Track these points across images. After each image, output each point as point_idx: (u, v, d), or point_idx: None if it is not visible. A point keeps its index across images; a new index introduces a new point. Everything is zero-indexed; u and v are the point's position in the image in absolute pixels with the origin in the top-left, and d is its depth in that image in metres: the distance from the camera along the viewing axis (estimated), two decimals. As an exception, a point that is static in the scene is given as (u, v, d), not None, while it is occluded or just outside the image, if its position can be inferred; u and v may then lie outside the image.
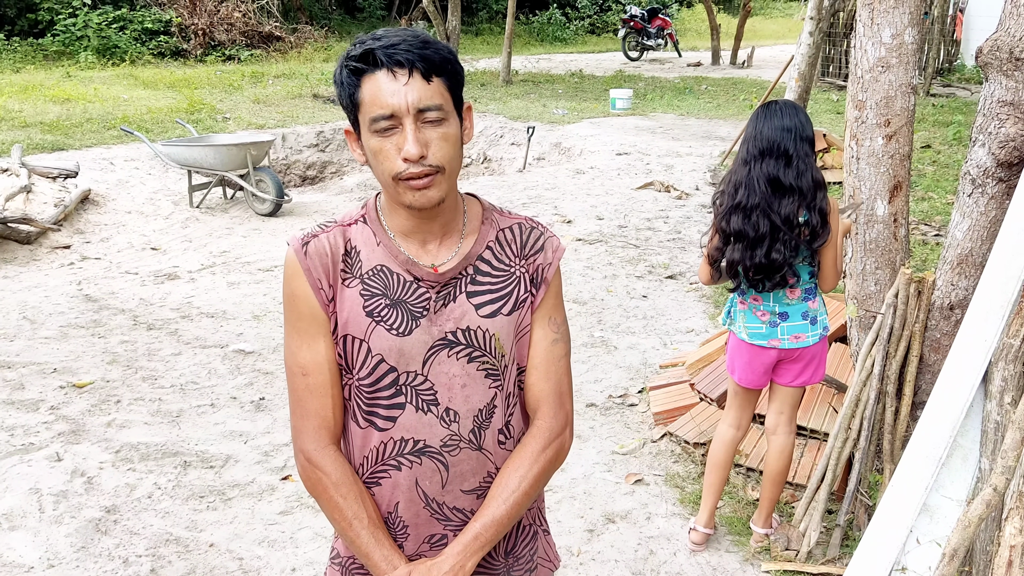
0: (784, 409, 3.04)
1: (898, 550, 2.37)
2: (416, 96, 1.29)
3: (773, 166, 2.71)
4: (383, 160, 1.32)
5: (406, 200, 1.34)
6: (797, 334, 2.88)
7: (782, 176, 2.71)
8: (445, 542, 1.48)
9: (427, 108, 1.30)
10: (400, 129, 1.30)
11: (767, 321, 2.90)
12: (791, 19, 30.00)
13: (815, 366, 2.95)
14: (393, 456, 1.44)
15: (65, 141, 9.14)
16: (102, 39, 15.69)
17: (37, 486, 3.51)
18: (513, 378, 1.48)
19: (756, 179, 2.73)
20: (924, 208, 7.25)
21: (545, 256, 1.49)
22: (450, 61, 1.33)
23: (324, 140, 10.36)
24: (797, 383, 2.97)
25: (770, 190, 2.71)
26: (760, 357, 2.94)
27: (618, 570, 3.09)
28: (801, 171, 2.71)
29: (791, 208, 2.71)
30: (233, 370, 4.68)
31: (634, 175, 8.99)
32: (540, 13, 24.82)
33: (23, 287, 5.97)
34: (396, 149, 1.30)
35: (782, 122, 2.72)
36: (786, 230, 2.71)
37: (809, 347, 2.90)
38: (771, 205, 2.71)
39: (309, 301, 1.40)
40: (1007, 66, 2.59)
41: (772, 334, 2.89)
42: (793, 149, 2.70)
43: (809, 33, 8.73)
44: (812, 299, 2.89)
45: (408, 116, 1.29)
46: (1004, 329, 2.38)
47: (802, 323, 2.88)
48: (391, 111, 1.29)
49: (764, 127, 2.74)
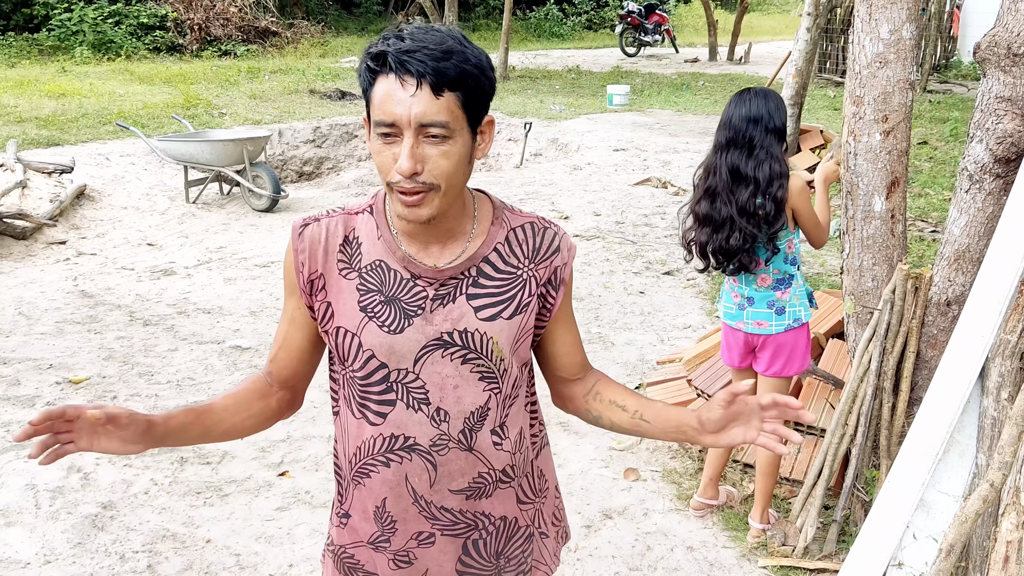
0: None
1: (895, 545, 2.38)
2: (420, 110, 1.24)
3: (736, 155, 2.84)
4: (381, 164, 1.31)
5: (396, 210, 1.33)
6: (760, 321, 2.98)
7: (742, 166, 2.83)
8: (432, 541, 1.47)
9: (430, 124, 1.25)
10: (400, 139, 1.27)
11: (737, 303, 3.03)
12: (788, 15, 30.00)
13: (786, 357, 3.01)
14: (383, 451, 1.43)
15: (61, 136, 9.11)
16: (97, 34, 15.65)
17: (33, 482, 3.50)
18: (512, 380, 1.46)
19: (720, 167, 2.87)
20: (921, 204, 7.26)
21: (561, 256, 1.47)
22: (471, 75, 1.26)
23: (321, 136, 10.33)
24: (770, 372, 3.04)
25: (730, 178, 2.85)
26: (733, 337, 3.08)
27: (615, 566, 3.09)
28: (761, 161, 2.81)
29: (747, 196, 2.82)
30: (230, 366, 4.67)
31: (631, 171, 8.98)
32: (537, 9, 24.79)
33: (18, 283, 5.95)
34: (393, 158, 1.28)
35: (750, 111, 2.82)
36: (740, 218, 2.83)
37: (772, 335, 2.97)
38: (732, 192, 2.84)
39: (290, 276, 1.46)
40: (1005, 62, 2.58)
41: (739, 316, 3.02)
42: (757, 139, 2.81)
43: (806, 29, 8.74)
44: (782, 290, 2.96)
45: (409, 129, 1.25)
46: (1001, 325, 2.39)
47: (766, 311, 2.97)
48: (392, 120, 1.25)
49: (733, 115, 2.85)
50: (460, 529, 1.48)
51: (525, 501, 1.56)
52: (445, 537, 1.48)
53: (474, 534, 1.50)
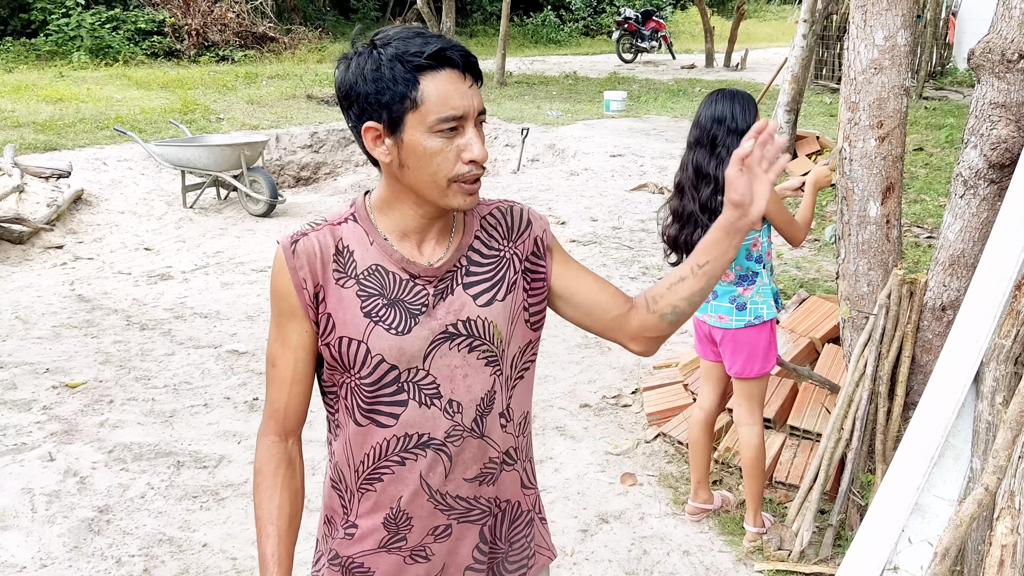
0: (740, 401, 3.14)
1: (890, 549, 2.38)
2: (479, 99, 1.35)
3: (701, 154, 2.91)
4: (442, 162, 1.33)
5: (454, 203, 1.37)
6: (721, 315, 3.02)
7: (704, 164, 2.90)
8: (449, 532, 1.49)
9: (481, 112, 1.36)
10: (462, 132, 1.34)
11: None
12: (785, 22, 30.08)
13: (746, 355, 3.02)
14: (396, 452, 1.44)
15: (58, 141, 9.11)
16: (95, 39, 15.64)
17: (30, 486, 3.50)
18: (511, 361, 1.49)
19: (687, 164, 2.96)
20: (917, 210, 7.28)
21: (534, 228, 1.52)
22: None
23: (318, 141, 10.34)
24: (733, 372, 3.07)
25: (695, 176, 2.92)
26: (700, 329, 3.16)
27: (612, 570, 3.09)
28: (722, 159, 2.86)
29: (708, 194, 2.89)
30: (227, 370, 4.67)
31: (628, 177, 9.00)
32: (534, 15, 24.84)
33: (15, 287, 5.95)
34: (456, 152, 1.33)
35: (714, 111, 2.89)
36: (703, 215, 2.90)
37: (731, 330, 3.00)
38: (696, 189, 2.92)
39: (290, 299, 1.41)
40: (999, 68, 2.60)
41: (705, 309, 3.08)
42: (720, 139, 2.87)
43: (803, 36, 8.77)
44: (745, 286, 2.99)
45: (470, 120, 1.34)
46: (995, 330, 2.40)
47: (727, 306, 3.00)
48: (462, 113, 1.32)
49: (701, 115, 2.92)
50: (475, 516, 1.50)
51: (528, 486, 1.59)
52: (461, 525, 1.50)
53: (488, 520, 1.52)
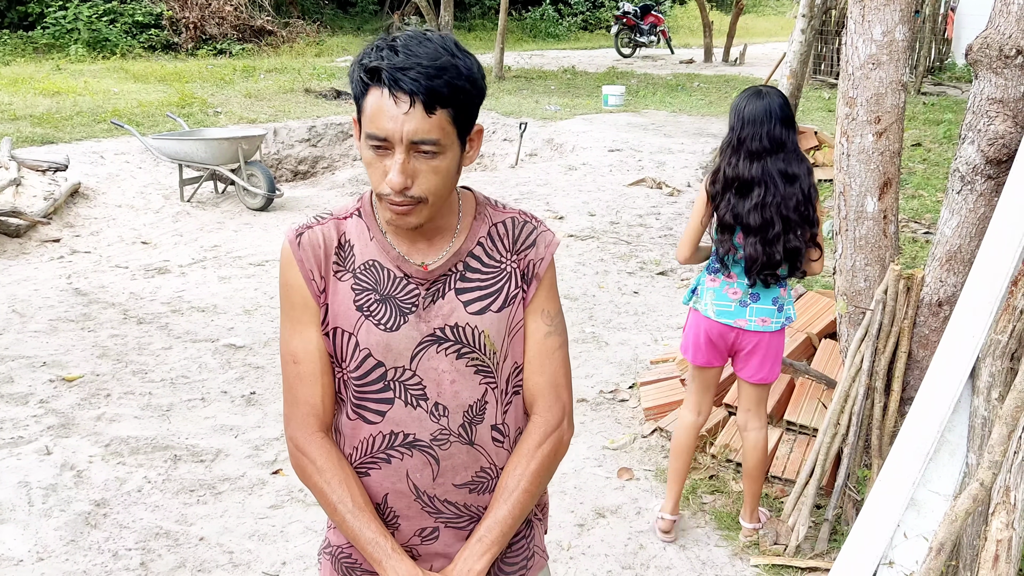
0: (751, 406, 3.09)
1: (886, 544, 2.39)
2: (413, 128, 1.25)
3: (781, 160, 2.80)
4: (371, 173, 1.32)
5: (385, 217, 1.35)
6: (764, 317, 2.93)
7: (787, 167, 2.80)
8: (436, 535, 1.48)
9: (422, 141, 1.26)
10: (391, 152, 1.28)
11: (737, 300, 2.93)
12: (783, 17, 30.06)
13: (772, 359, 2.99)
14: (383, 449, 1.44)
15: (55, 134, 9.09)
16: (92, 32, 15.59)
17: (26, 479, 3.50)
18: (508, 375, 1.47)
19: (771, 174, 2.79)
20: (914, 206, 7.28)
21: (537, 252, 1.48)
22: (463, 91, 1.27)
23: (316, 135, 10.32)
24: (756, 379, 3.00)
25: (782, 180, 2.79)
26: (723, 336, 2.96)
27: (608, 564, 3.10)
28: (801, 158, 2.82)
29: (796, 200, 2.80)
30: (224, 364, 4.67)
31: (626, 171, 8.99)
32: (533, 9, 24.79)
33: (12, 280, 5.93)
34: (384, 171, 1.29)
35: (781, 112, 2.79)
36: (795, 221, 2.82)
37: (770, 333, 2.94)
38: (785, 198, 2.79)
39: (301, 291, 1.41)
40: (996, 63, 2.60)
41: (740, 314, 2.93)
42: (788, 140, 2.80)
43: (801, 31, 8.74)
44: (784, 286, 2.96)
45: (400, 145, 1.26)
46: (992, 325, 2.40)
47: (770, 307, 2.93)
48: (385, 136, 1.26)
49: (766, 125, 2.79)
50: (464, 522, 1.50)
51: None
52: (449, 530, 1.49)
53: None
